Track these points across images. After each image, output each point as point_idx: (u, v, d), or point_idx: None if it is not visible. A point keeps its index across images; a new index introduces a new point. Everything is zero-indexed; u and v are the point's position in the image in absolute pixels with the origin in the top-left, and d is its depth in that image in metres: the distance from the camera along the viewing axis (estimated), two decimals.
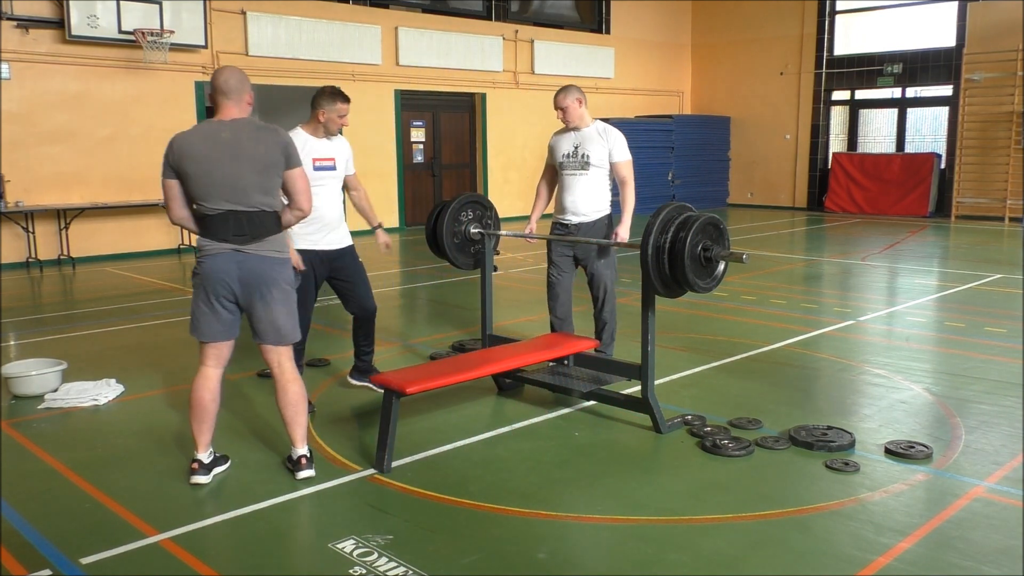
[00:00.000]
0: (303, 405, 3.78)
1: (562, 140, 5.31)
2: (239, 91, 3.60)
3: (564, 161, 5.25)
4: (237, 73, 3.65)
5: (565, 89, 5.24)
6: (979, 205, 15.17)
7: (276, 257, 3.61)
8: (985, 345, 6.14)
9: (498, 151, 15.70)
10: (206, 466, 3.76)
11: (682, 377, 5.37)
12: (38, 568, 3.02)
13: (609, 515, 3.42)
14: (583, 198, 5.20)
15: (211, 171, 3.48)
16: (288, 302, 3.67)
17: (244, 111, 3.64)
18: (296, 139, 4.33)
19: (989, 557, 3.04)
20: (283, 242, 3.66)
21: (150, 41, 10.80)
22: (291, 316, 3.70)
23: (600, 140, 5.19)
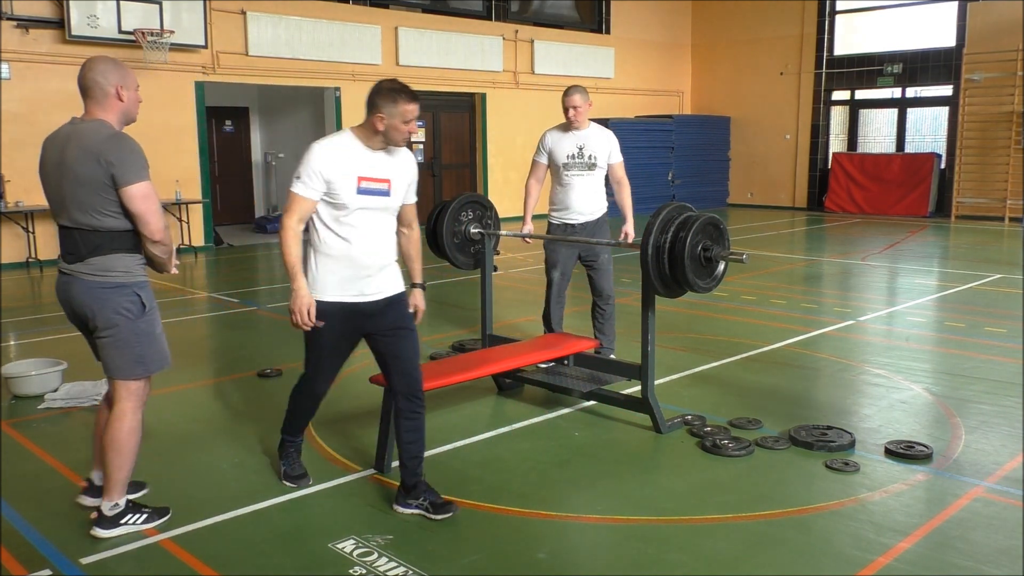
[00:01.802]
0: (124, 451, 3.21)
1: (563, 140, 5.35)
2: (102, 87, 3.12)
3: (568, 161, 5.31)
4: (100, 65, 3.14)
5: (580, 89, 5.27)
6: (979, 205, 15.17)
7: (99, 281, 3.10)
8: (985, 345, 6.14)
9: (498, 151, 15.70)
10: (95, 488, 3.46)
11: (682, 377, 5.37)
12: (38, 568, 3.02)
13: (609, 515, 3.42)
14: (589, 197, 5.34)
15: (45, 179, 3.17)
16: (118, 334, 3.14)
17: (111, 110, 3.15)
18: (338, 146, 3.32)
19: (989, 557, 3.04)
20: (118, 264, 3.12)
21: (150, 41, 10.79)
22: (118, 349, 3.16)
23: (604, 142, 5.33)
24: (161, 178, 11.60)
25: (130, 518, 3.27)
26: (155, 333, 3.25)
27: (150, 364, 3.24)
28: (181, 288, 9.04)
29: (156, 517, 3.33)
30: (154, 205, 3.09)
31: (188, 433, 4.47)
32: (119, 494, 3.26)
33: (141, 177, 3.05)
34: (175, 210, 11.73)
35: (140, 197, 3.04)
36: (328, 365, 3.54)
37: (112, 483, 3.24)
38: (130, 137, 3.12)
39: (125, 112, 3.19)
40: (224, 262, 11.28)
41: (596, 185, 5.38)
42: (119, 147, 3.05)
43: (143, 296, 3.19)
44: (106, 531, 3.23)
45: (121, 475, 3.24)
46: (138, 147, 3.10)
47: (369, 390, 4.66)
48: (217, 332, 7.18)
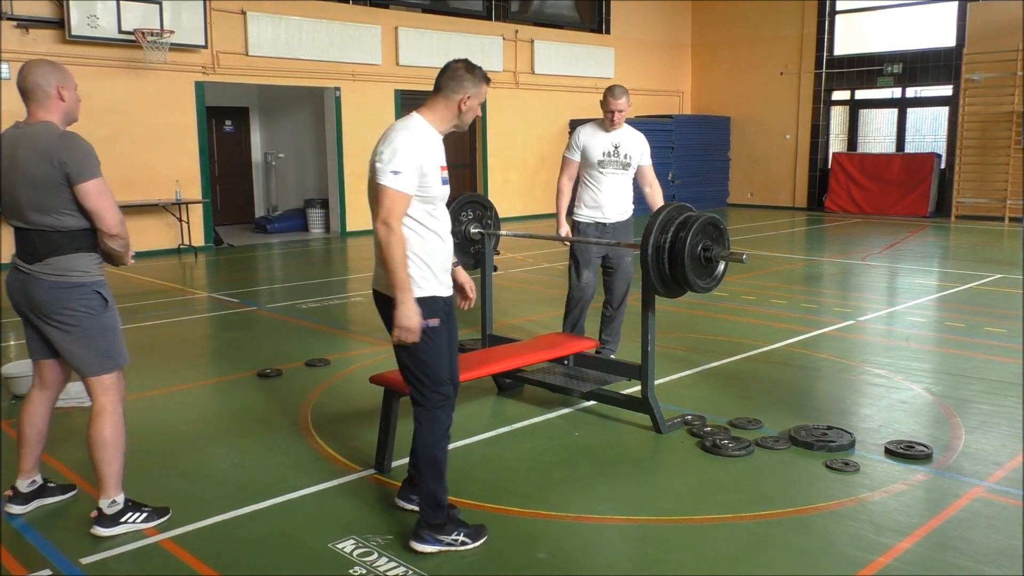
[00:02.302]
0: (111, 447, 3.25)
1: (598, 138, 5.28)
2: (43, 89, 3.15)
3: (604, 160, 5.26)
4: (40, 68, 3.16)
5: (626, 92, 5.19)
6: (979, 205, 15.17)
7: (58, 280, 3.14)
8: (985, 345, 6.14)
9: (498, 151, 15.69)
10: (22, 495, 3.45)
11: (682, 377, 5.37)
12: (38, 568, 3.02)
13: (609, 515, 3.42)
14: (622, 197, 5.32)
15: None
16: (81, 330, 3.19)
17: (54, 111, 3.18)
18: (426, 134, 3.15)
19: (989, 557, 3.04)
20: (78, 264, 3.16)
21: (150, 41, 10.79)
22: (84, 346, 3.21)
23: (639, 142, 5.33)
24: (161, 178, 11.62)
25: (130, 516, 3.28)
26: (117, 328, 3.32)
27: (117, 358, 3.30)
28: (181, 288, 9.04)
29: (156, 516, 3.34)
30: (109, 200, 3.14)
31: (188, 433, 4.47)
32: (115, 490, 3.27)
33: (94, 174, 3.11)
34: (175, 210, 11.73)
35: (95, 194, 3.10)
36: (454, 361, 3.25)
37: (105, 480, 3.25)
38: (80, 136, 3.18)
39: (67, 112, 3.24)
40: (224, 262, 11.29)
41: (628, 185, 5.35)
42: (71, 146, 3.10)
43: (104, 292, 3.25)
44: (106, 529, 3.23)
45: (112, 470, 3.26)
46: (89, 145, 3.16)
47: (369, 390, 4.66)
48: (217, 332, 7.18)
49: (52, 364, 3.41)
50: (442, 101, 3.20)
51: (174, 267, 10.66)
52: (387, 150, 3.04)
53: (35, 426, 3.43)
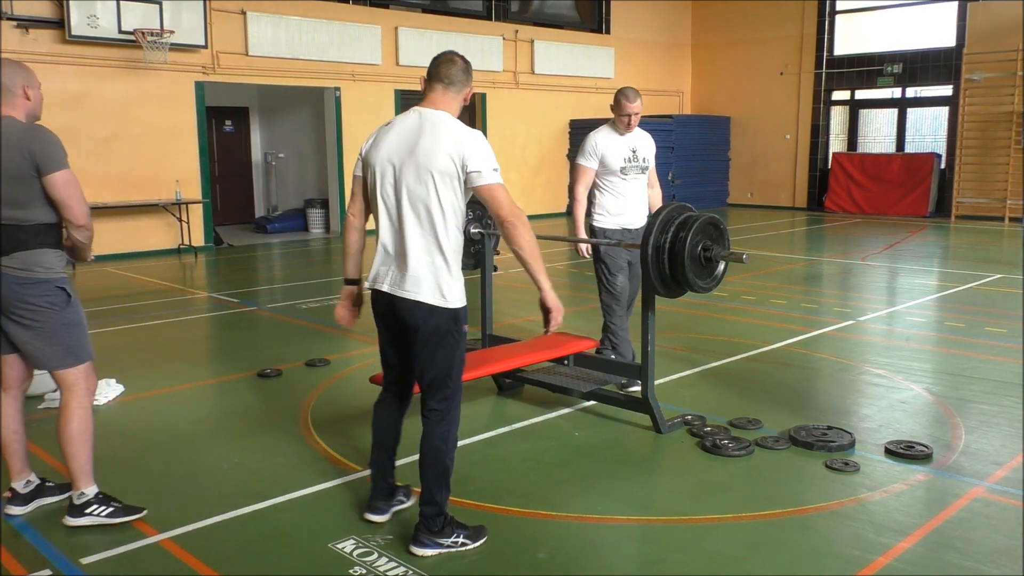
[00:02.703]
0: (77, 441, 3.30)
1: (615, 143, 5.13)
2: (8, 88, 3.17)
3: (625, 165, 5.10)
4: (6, 68, 3.19)
5: (636, 92, 5.14)
6: (979, 205, 15.17)
7: (22, 276, 3.15)
8: (985, 345, 6.14)
9: (498, 151, 15.36)
10: (21, 496, 3.46)
11: (682, 377, 5.37)
12: (38, 568, 3.02)
13: (609, 515, 3.42)
14: (643, 201, 5.22)
15: None
16: (44, 325, 3.20)
17: (19, 108, 3.21)
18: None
19: (989, 557, 3.04)
20: (42, 260, 3.19)
21: (150, 41, 10.79)
22: (46, 341, 3.22)
23: (650, 143, 5.29)
24: (161, 178, 11.61)
25: (95, 508, 3.32)
26: (82, 323, 3.34)
27: (80, 353, 3.31)
28: (181, 288, 9.04)
29: (124, 513, 3.35)
30: (77, 191, 3.20)
31: (188, 433, 4.47)
32: (84, 483, 3.33)
33: (62, 165, 3.18)
34: (175, 210, 11.73)
35: (62, 184, 3.16)
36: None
37: (72, 473, 3.32)
38: (46, 128, 3.23)
39: (32, 110, 3.29)
40: (224, 262, 11.28)
41: (644, 188, 5.24)
42: (38, 138, 3.16)
43: (67, 288, 3.28)
44: (73, 519, 3.31)
45: (78, 463, 3.31)
46: (56, 137, 3.23)
47: (369, 390, 4.65)
48: (217, 332, 7.18)
49: (13, 360, 3.39)
50: (454, 95, 3.25)
51: (174, 267, 10.66)
52: (482, 150, 3.14)
53: (9, 428, 3.44)
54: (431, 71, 3.22)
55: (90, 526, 3.30)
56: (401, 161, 3.09)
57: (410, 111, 3.22)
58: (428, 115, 3.18)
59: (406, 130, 3.16)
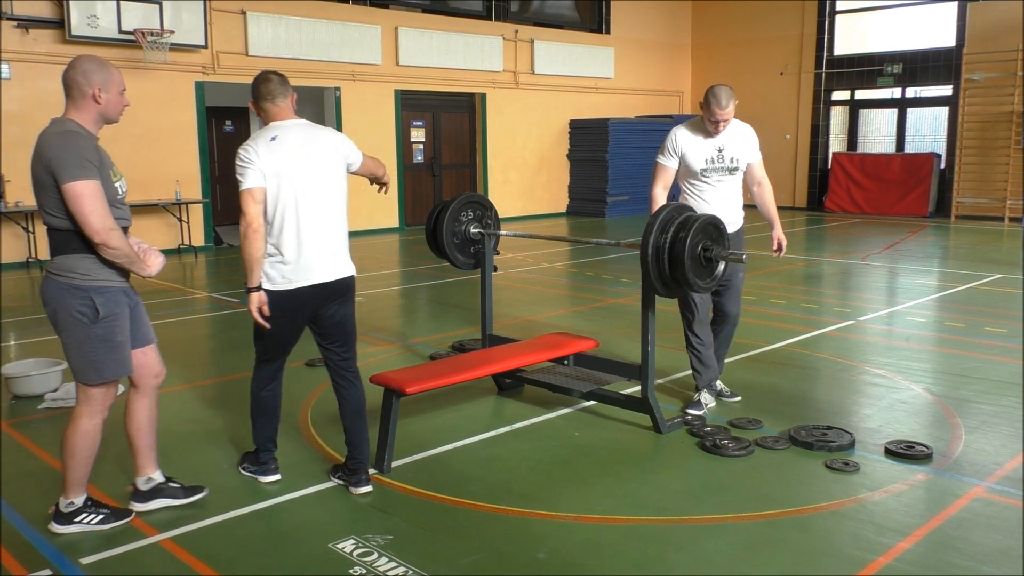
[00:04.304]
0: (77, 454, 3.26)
1: (699, 143, 4.63)
2: (80, 87, 3.10)
3: (707, 167, 4.62)
4: (84, 65, 3.11)
5: (730, 93, 4.56)
6: (979, 205, 15.17)
7: (59, 282, 3.11)
8: (985, 345, 6.14)
9: (498, 151, 15.70)
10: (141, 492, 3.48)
11: (682, 377, 5.37)
12: (38, 568, 3.02)
13: (609, 515, 3.42)
14: (730, 205, 4.68)
15: None
16: (72, 336, 3.14)
17: (87, 111, 3.14)
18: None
19: (989, 557, 3.04)
20: (76, 266, 3.10)
21: (150, 41, 10.80)
22: (72, 351, 3.16)
23: (745, 141, 4.69)
24: (161, 178, 11.62)
25: (84, 516, 3.29)
26: (114, 340, 3.18)
27: (104, 371, 3.19)
28: (181, 288, 9.04)
29: (113, 519, 3.33)
30: (88, 205, 2.98)
31: (188, 433, 4.48)
32: (74, 493, 3.28)
33: (75, 176, 2.97)
34: (175, 210, 11.73)
35: (73, 196, 2.98)
36: None
37: (66, 482, 3.27)
38: (78, 135, 3.07)
39: (102, 114, 3.18)
40: (224, 262, 11.29)
41: (736, 191, 4.71)
42: (58, 145, 3.01)
43: (97, 302, 3.12)
44: (60, 527, 3.27)
45: (73, 476, 3.26)
46: (80, 146, 3.03)
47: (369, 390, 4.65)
48: (217, 332, 7.18)
49: (140, 356, 3.38)
50: (291, 104, 3.80)
51: (174, 267, 10.66)
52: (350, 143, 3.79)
53: (132, 421, 3.44)
54: (275, 91, 3.69)
55: (77, 533, 3.26)
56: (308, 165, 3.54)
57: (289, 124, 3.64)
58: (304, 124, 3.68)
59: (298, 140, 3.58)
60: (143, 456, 3.48)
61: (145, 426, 3.46)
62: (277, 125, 3.62)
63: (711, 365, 4.74)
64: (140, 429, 3.45)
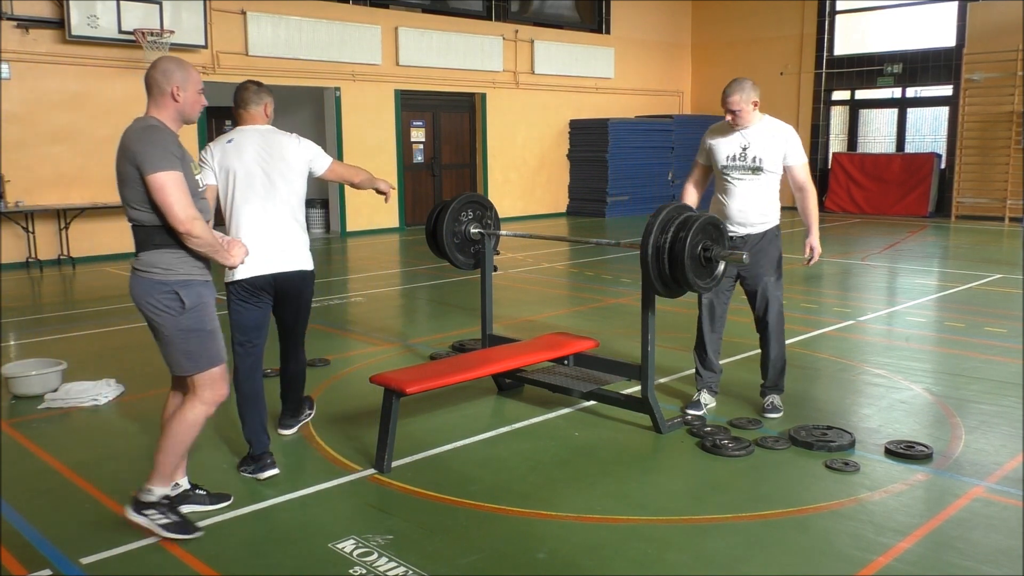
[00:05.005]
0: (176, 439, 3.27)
1: (725, 139, 4.57)
2: (159, 84, 3.17)
3: (728, 164, 4.54)
4: (165, 65, 3.20)
5: (740, 85, 4.42)
6: (979, 205, 15.17)
7: (145, 278, 3.18)
8: (985, 345, 6.14)
9: (498, 151, 15.70)
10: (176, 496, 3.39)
11: (682, 377, 5.37)
12: (38, 568, 3.02)
13: (609, 515, 3.42)
14: (753, 206, 4.54)
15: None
16: (163, 331, 3.21)
17: (166, 109, 3.20)
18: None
19: (989, 557, 3.04)
20: (159, 261, 3.17)
21: (150, 41, 10.79)
22: (165, 345, 3.24)
23: (774, 140, 4.50)
24: None
25: (153, 514, 3.22)
26: (204, 329, 3.27)
27: (199, 361, 3.25)
28: None
29: (180, 530, 3.22)
30: (172, 195, 3.05)
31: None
32: (158, 482, 3.24)
33: (159, 167, 3.05)
34: None
35: (157, 187, 3.05)
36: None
37: (157, 467, 3.24)
38: (160, 129, 3.15)
39: (180, 112, 3.23)
40: None
41: (762, 192, 4.53)
42: (142, 139, 3.09)
43: (182, 294, 3.19)
44: (132, 514, 3.22)
45: (166, 460, 3.25)
46: (163, 139, 3.12)
47: (369, 390, 4.66)
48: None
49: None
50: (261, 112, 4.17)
51: None
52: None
53: (163, 424, 3.40)
54: (247, 99, 4.03)
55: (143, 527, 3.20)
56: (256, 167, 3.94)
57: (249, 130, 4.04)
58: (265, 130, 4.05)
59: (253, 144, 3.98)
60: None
61: None
62: (239, 129, 4.03)
63: (711, 368, 4.77)
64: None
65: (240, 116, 4.04)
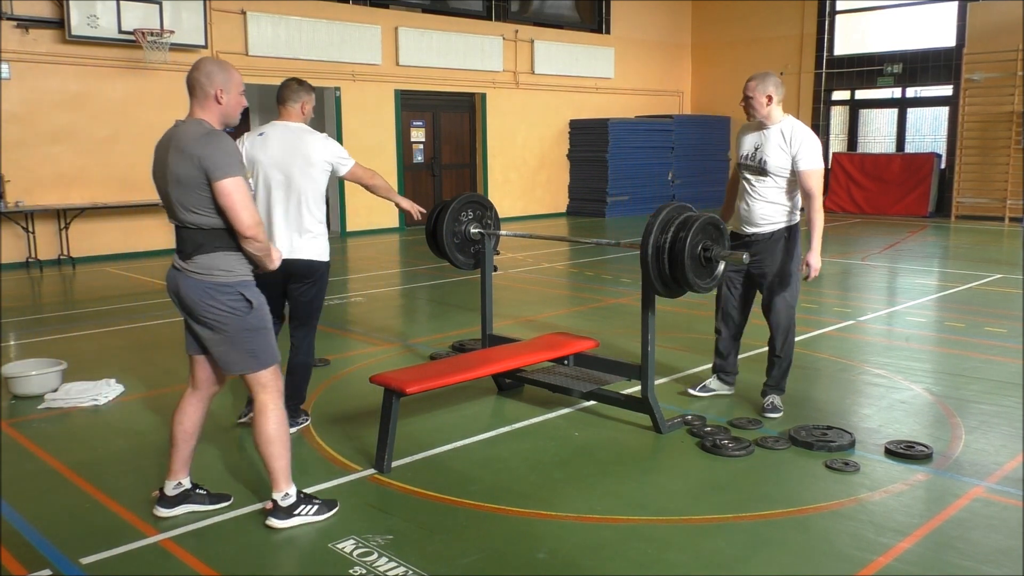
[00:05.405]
0: (277, 441, 3.30)
1: (746, 138, 4.68)
2: (203, 87, 3.19)
3: (742, 163, 4.63)
4: (206, 67, 3.21)
5: (761, 76, 4.65)
6: (979, 205, 15.17)
7: (205, 281, 3.18)
8: (985, 345, 6.14)
9: (498, 151, 15.70)
10: (167, 498, 3.43)
11: (682, 377, 5.37)
12: (38, 568, 3.02)
13: (609, 515, 3.42)
14: (757, 207, 4.56)
15: (156, 182, 3.27)
16: (227, 330, 3.21)
17: (210, 111, 3.22)
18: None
19: (989, 557, 3.04)
20: (221, 263, 3.19)
21: (150, 41, 10.79)
22: (230, 346, 3.23)
23: (782, 143, 4.49)
24: None
25: (303, 509, 3.33)
26: (266, 327, 3.31)
27: (263, 358, 3.29)
28: None
29: (326, 509, 3.38)
30: (241, 201, 3.10)
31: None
32: (286, 483, 3.31)
33: (228, 173, 3.08)
34: None
35: (227, 192, 3.08)
36: None
37: (274, 474, 3.30)
38: (223, 134, 3.19)
39: (223, 114, 3.26)
40: None
41: (766, 193, 4.53)
42: (209, 144, 3.10)
43: (247, 294, 3.23)
44: (281, 521, 3.29)
45: (280, 465, 3.30)
46: (229, 143, 3.17)
47: (369, 390, 4.66)
48: None
49: (203, 361, 3.39)
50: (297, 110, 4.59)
51: None
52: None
53: (181, 424, 3.42)
54: (285, 96, 4.44)
55: (298, 527, 3.28)
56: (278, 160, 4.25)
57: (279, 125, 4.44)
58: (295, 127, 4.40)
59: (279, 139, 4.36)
60: (181, 461, 3.45)
61: (193, 432, 3.46)
62: (272, 124, 4.39)
63: (723, 355, 4.93)
64: (188, 433, 3.44)
65: (279, 111, 4.42)
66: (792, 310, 4.70)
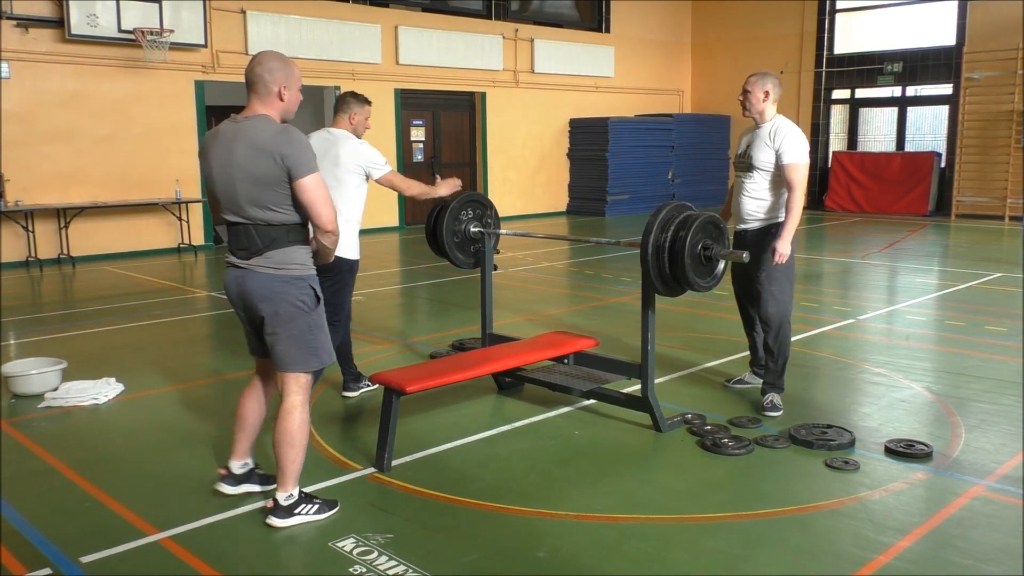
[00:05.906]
0: (297, 444, 3.30)
1: (742, 139, 4.86)
2: (266, 83, 3.15)
3: (735, 161, 4.82)
4: (269, 62, 3.17)
5: (760, 73, 4.89)
6: (979, 204, 15.17)
7: (279, 275, 3.19)
8: (985, 344, 6.14)
9: (498, 150, 15.70)
10: (234, 476, 3.57)
11: (682, 376, 5.37)
12: (38, 568, 3.02)
13: (609, 514, 3.42)
14: (747, 203, 4.69)
15: (213, 176, 3.20)
16: (295, 326, 3.21)
17: (272, 107, 3.19)
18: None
19: (989, 555, 3.04)
20: (295, 257, 3.21)
21: (150, 40, 10.79)
22: (295, 341, 3.23)
23: (768, 139, 4.62)
24: (161, 177, 11.62)
25: (303, 508, 3.34)
26: (326, 324, 3.35)
27: (323, 355, 3.32)
28: (181, 287, 9.04)
29: (326, 509, 3.39)
30: (322, 197, 3.14)
31: (188, 432, 4.47)
32: (292, 484, 3.33)
33: (311, 169, 3.13)
34: (175, 209, 11.73)
35: (310, 189, 3.12)
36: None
37: (286, 475, 3.31)
38: (298, 131, 3.20)
39: (285, 110, 3.26)
40: (224, 261, 11.27)
41: (754, 189, 4.65)
42: (290, 141, 3.11)
43: (316, 289, 3.27)
44: (281, 520, 3.29)
45: (294, 467, 3.31)
46: (305, 140, 3.19)
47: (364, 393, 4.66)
48: (217, 331, 7.18)
49: (267, 363, 3.43)
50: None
51: (174, 266, 10.66)
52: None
53: (249, 406, 3.52)
54: (337, 105, 4.81)
55: (298, 526, 3.30)
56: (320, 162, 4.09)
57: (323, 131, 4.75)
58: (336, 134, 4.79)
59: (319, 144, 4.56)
60: (248, 442, 3.55)
61: (256, 422, 3.55)
62: (321, 129, 4.73)
63: (751, 348, 5.06)
64: (258, 415, 3.54)
65: (333, 118, 4.79)
66: (782, 305, 4.70)
